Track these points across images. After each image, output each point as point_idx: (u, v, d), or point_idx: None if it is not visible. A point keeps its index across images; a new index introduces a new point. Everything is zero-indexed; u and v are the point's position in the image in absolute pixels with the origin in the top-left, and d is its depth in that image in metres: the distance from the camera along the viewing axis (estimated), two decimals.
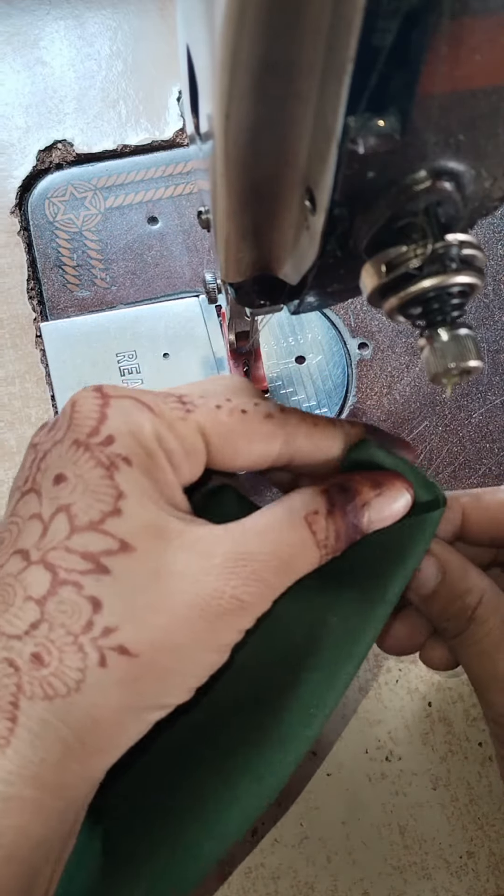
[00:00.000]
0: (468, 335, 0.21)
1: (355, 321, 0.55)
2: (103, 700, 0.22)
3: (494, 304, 0.55)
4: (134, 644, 0.22)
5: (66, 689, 0.22)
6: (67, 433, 0.24)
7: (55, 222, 0.56)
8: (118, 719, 0.23)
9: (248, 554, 0.24)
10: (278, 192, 0.23)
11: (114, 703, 0.22)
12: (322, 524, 0.25)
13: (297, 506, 0.26)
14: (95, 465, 0.23)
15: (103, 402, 0.25)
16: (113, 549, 0.23)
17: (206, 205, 0.29)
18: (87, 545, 0.23)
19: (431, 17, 0.16)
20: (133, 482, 0.23)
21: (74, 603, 0.22)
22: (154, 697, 0.23)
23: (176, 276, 0.55)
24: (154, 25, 0.62)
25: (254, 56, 0.18)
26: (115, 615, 0.22)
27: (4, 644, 0.22)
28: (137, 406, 0.25)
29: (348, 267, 0.23)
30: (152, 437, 0.24)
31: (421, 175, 0.20)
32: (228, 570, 0.24)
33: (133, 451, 0.24)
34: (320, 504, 0.26)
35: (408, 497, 0.27)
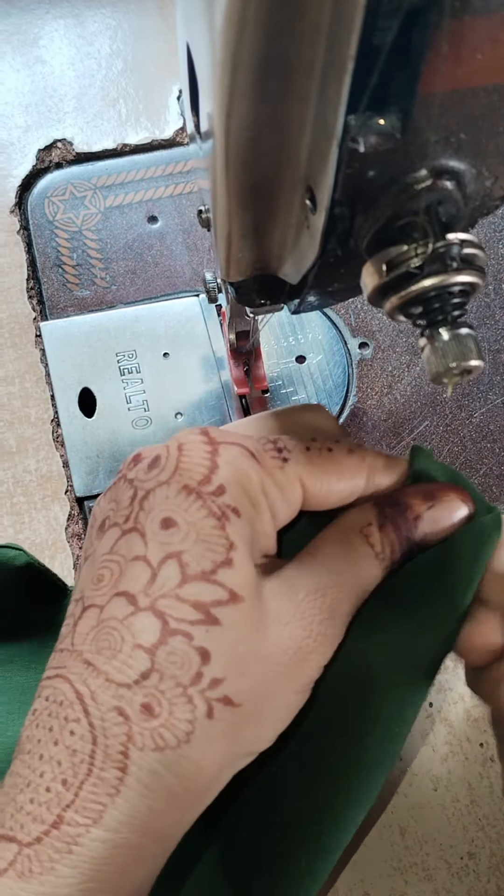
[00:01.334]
0: (469, 334, 0.21)
1: (356, 320, 0.54)
2: (210, 750, 0.22)
3: (495, 303, 0.55)
4: (237, 694, 0.23)
5: (176, 741, 0.22)
6: (174, 476, 0.24)
7: (55, 221, 0.55)
8: (221, 769, 0.23)
9: (323, 585, 0.25)
10: (279, 191, 0.23)
11: (219, 753, 0.23)
12: (377, 537, 0.26)
13: (351, 522, 0.26)
14: (208, 515, 0.24)
15: (213, 450, 0.25)
16: (223, 600, 0.23)
17: (207, 204, 0.29)
18: (199, 595, 0.23)
19: (432, 15, 0.16)
20: (242, 533, 0.24)
21: (184, 654, 0.22)
22: (250, 744, 0.24)
23: (176, 275, 0.55)
24: (154, 24, 0.62)
25: (254, 55, 0.18)
26: (222, 666, 0.23)
27: (115, 693, 0.22)
28: (244, 455, 0.25)
29: (349, 266, 0.23)
30: (258, 488, 0.25)
31: (422, 174, 0.20)
32: (311, 606, 0.24)
33: (241, 502, 0.24)
34: (372, 517, 0.26)
35: (464, 508, 0.27)
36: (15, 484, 0.48)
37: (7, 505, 0.48)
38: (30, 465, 0.49)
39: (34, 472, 0.49)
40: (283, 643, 0.24)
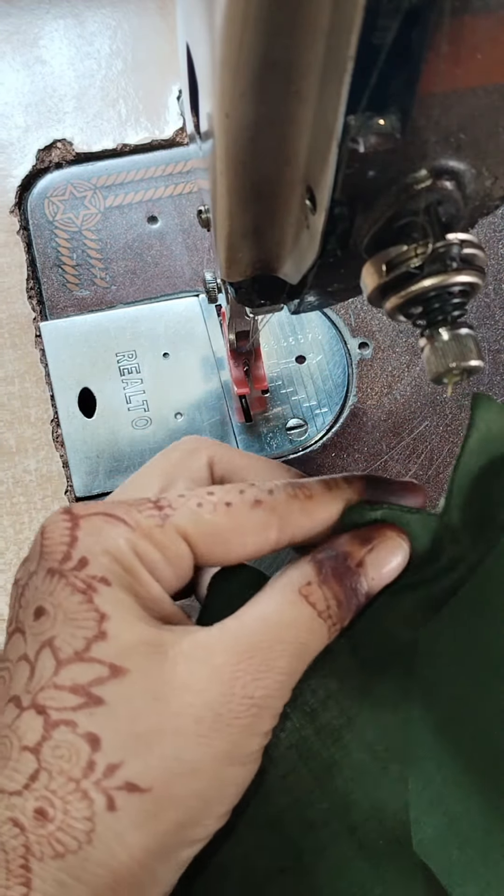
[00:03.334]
0: (469, 335, 0.21)
1: (356, 321, 0.54)
2: (121, 848, 0.20)
3: (495, 303, 0.55)
4: (143, 777, 0.20)
5: (77, 844, 0.20)
6: (40, 563, 0.23)
7: (55, 221, 0.56)
8: (143, 867, 0.20)
9: (250, 647, 0.22)
10: (278, 191, 0.23)
11: (134, 849, 0.20)
12: (319, 594, 0.24)
13: (289, 582, 0.24)
14: (72, 592, 0.22)
15: (72, 525, 0.23)
16: (104, 677, 0.21)
17: (206, 204, 0.29)
18: (76, 677, 0.21)
19: (432, 15, 0.16)
20: (115, 602, 0.22)
21: (70, 744, 0.20)
22: (181, 832, 0.21)
23: (176, 275, 0.55)
24: (154, 24, 0.62)
25: (254, 55, 0.18)
26: (117, 749, 0.20)
27: (7, 803, 0.20)
28: (109, 521, 0.23)
29: (349, 266, 0.23)
30: (129, 551, 0.23)
31: (422, 174, 0.20)
32: (233, 669, 0.22)
33: (110, 569, 0.22)
34: (311, 574, 0.24)
35: (404, 547, 0.25)
36: (15, 484, 0.48)
37: (7, 505, 0.48)
38: (30, 465, 0.49)
39: (34, 472, 0.49)
40: (194, 711, 0.21)
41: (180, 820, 0.21)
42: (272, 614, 0.23)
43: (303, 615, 0.23)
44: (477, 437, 0.26)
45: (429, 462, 0.51)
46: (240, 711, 0.22)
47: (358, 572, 0.24)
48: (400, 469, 0.50)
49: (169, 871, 0.22)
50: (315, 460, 0.50)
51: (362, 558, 0.25)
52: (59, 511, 0.24)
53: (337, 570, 0.24)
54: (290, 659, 0.23)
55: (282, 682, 0.23)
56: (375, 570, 0.25)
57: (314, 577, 0.24)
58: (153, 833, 0.20)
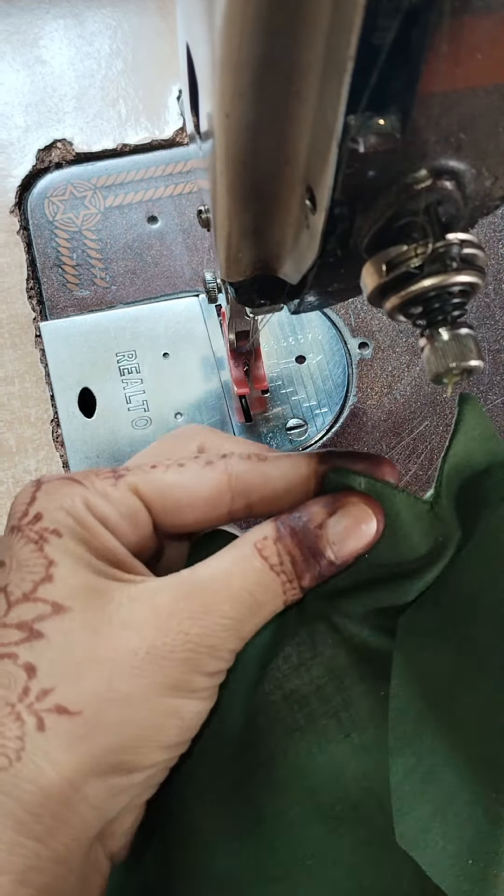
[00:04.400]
0: (469, 334, 0.21)
1: (356, 321, 0.54)
2: (49, 766, 0.21)
3: (495, 303, 0.55)
4: (74, 701, 0.22)
5: (7, 761, 0.21)
6: (7, 525, 0.25)
7: (55, 221, 0.56)
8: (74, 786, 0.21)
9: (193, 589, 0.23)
10: (278, 191, 0.23)
11: (63, 767, 0.21)
12: (273, 549, 0.24)
13: (246, 538, 0.25)
14: (26, 543, 0.24)
15: (35, 488, 0.25)
16: (46, 614, 0.22)
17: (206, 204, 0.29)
18: (21, 616, 0.22)
19: (432, 15, 0.16)
20: (64, 550, 0.23)
21: (10, 673, 0.22)
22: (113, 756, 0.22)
23: (176, 275, 0.55)
24: (154, 24, 0.62)
25: (254, 55, 0.18)
26: (51, 676, 0.22)
27: None
28: (66, 483, 0.25)
29: (349, 266, 0.23)
30: (82, 506, 0.24)
31: (421, 174, 0.20)
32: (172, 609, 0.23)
33: (63, 522, 0.24)
34: (269, 530, 0.25)
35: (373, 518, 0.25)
36: (15, 484, 0.48)
37: (7, 505, 0.48)
38: (30, 465, 0.49)
39: (34, 472, 0.49)
40: (129, 644, 0.22)
41: (112, 745, 0.22)
42: (223, 564, 0.24)
43: (253, 567, 0.24)
44: (464, 432, 0.26)
45: (429, 462, 0.51)
46: (175, 646, 0.23)
47: (318, 534, 0.25)
48: (400, 469, 0.50)
49: (104, 794, 0.22)
50: None
51: (324, 521, 0.25)
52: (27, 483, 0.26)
53: (295, 530, 0.25)
54: (235, 605, 0.24)
55: (225, 625, 0.23)
56: (337, 534, 0.25)
57: (271, 533, 0.25)
58: (81, 753, 0.21)
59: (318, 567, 0.25)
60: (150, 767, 0.23)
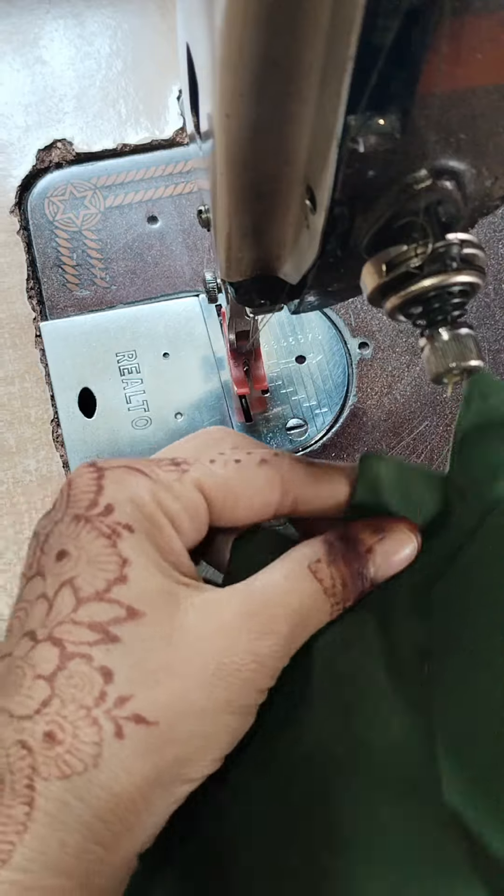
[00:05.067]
0: (469, 335, 0.21)
1: (356, 320, 0.54)
2: (124, 774, 0.21)
3: (495, 303, 0.55)
4: (151, 711, 0.22)
5: (83, 766, 0.21)
6: (66, 511, 0.24)
7: (55, 221, 0.56)
8: (143, 795, 0.22)
9: (256, 609, 0.24)
10: (278, 190, 0.23)
11: (136, 776, 0.21)
12: (326, 572, 0.25)
13: (299, 557, 0.25)
14: (97, 536, 0.23)
15: (98, 475, 0.25)
16: (121, 617, 0.22)
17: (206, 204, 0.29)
18: (94, 615, 0.22)
19: (432, 15, 0.16)
20: (137, 548, 0.23)
21: (85, 675, 0.22)
22: (179, 768, 0.22)
23: (176, 275, 0.55)
24: (154, 24, 0.62)
25: (254, 54, 0.18)
26: (129, 683, 0.22)
27: (16, 727, 0.21)
28: (132, 473, 0.25)
29: (349, 266, 0.23)
30: (152, 501, 0.24)
31: (421, 174, 0.20)
32: (239, 626, 0.23)
33: (134, 517, 0.24)
34: (322, 553, 0.25)
35: (414, 541, 0.27)
36: (15, 484, 0.48)
37: (7, 505, 0.48)
38: (30, 465, 0.49)
39: (34, 472, 0.49)
40: (201, 658, 0.23)
41: (179, 756, 0.22)
42: (281, 583, 0.25)
43: (308, 589, 0.25)
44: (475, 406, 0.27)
45: (429, 462, 0.51)
46: (241, 664, 0.23)
47: (366, 558, 0.26)
48: None
49: (163, 803, 0.23)
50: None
51: (372, 545, 0.26)
52: (84, 465, 0.25)
53: (347, 553, 0.26)
54: (291, 626, 0.24)
55: (282, 645, 0.24)
56: (383, 558, 0.26)
57: (324, 555, 0.25)
58: (154, 764, 0.22)
59: (362, 587, 0.26)
60: (199, 780, 0.23)
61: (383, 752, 0.26)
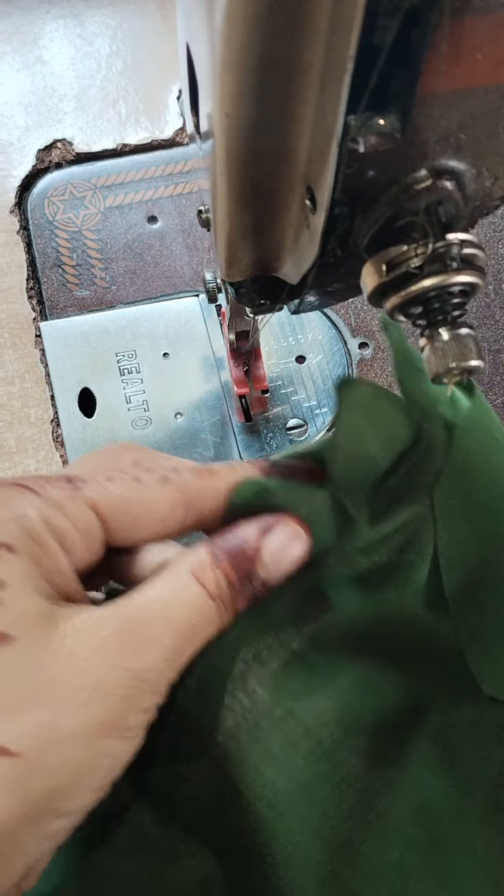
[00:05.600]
0: (469, 335, 0.21)
1: (356, 320, 0.54)
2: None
3: (495, 303, 0.55)
4: (16, 742, 0.20)
5: None
6: None
7: (55, 221, 0.55)
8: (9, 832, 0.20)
9: (136, 623, 0.23)
10: (278, 190, 0.23)
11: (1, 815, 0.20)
12: (209, 574, 0.24)
13: (183, 563, 0.25)
14: None
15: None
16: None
17: (206, 204, 0.29)
18: None
19: (432, 15, 0.16)
20: (16, 569, 0.22)
21: None
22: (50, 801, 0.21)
23: (176, 275, 0.55)
24: (154, 24, 0.62)
25: (254, 54, 0.18)
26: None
27: None
28: (20, 491, 0.24)
29: (349, 266, 0.23)
30: (38, 519, 0.23)
31: (421, 174, 0.20)
32: (118, 643, 0.22)
33: (16, 536, 0.22)
34: (204, 556, 0.24)
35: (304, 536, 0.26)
36: None
37: None
38: (30, 465, 0.49)
39: (34, 472, 0.49)
40: (75, 681, 0.21)
41: (51, 788, 0.21)
42: (162, 593, 0.24)
43: (191, 595, 0.24)
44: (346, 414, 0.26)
45: None
46: (120, 682, 0.22)
47: (252, 558, 0.25)
48: None
49: (35, 842, 0.21)
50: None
51: (258, 544, 0.25)
52: None
53: (231, 554, 0.25)
54: (175, 636, 0.23)
55: (166, 658, 0.23)
56: (271, 557, 0.25)
57: (208, 559, 0.24)
58: (21, 800, 0.20)
59: (253, 590, 0.25)
60: (77, 812, 0.22)
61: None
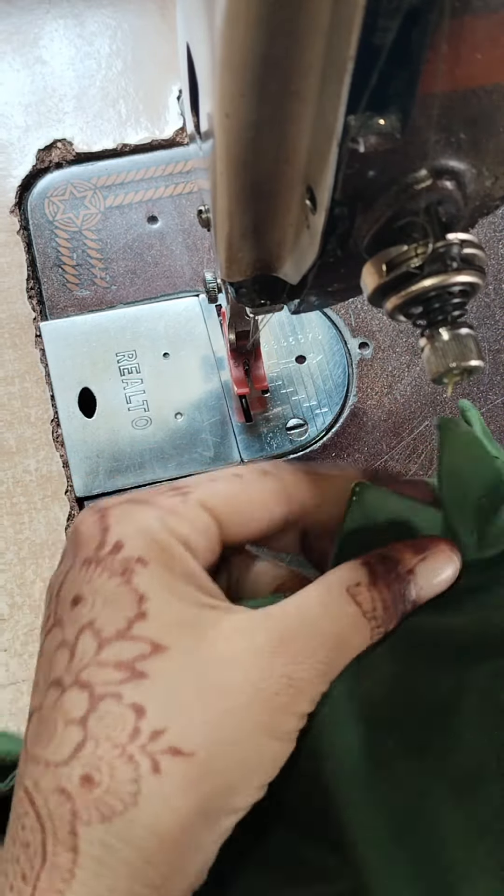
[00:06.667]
0: (469, 334, 0.21)
1: (356, 320, 0.54)
2: (166, 811, 0.21)
3: (495, 303, 0.55)
4: (187, 743, 0.21)
5: (123, 806, 0.20)
6: (76, 557, 0.24)
7: (55, 221, 0.56)
8: (188, 831, 0.21)
9: (291, 632, 0.23)
10: (278, 190, 0.23)
11: (179, 812, 0.21)
12: (366, 595, 0.24)
13: (336, 580, 0.25)
14: (110, 576, 0.23)
15: (101, 515, 0.24)
16: (146, 653, 0.22)
17: (207, 204, 0.29)
18: (118, 655, 0.22)
19: (432, 15, 0.16)
20: (153, 581, 0.23)
21: (116, 714, 0.21)
22: (222, 799, 0.22)
23: (176, 275, 0.55)
24: (154, 24, 0.62)
25: (254, 54, 0.18)
26: (162, 716, 0.21)
27: (53, 774, 0.21)
28: (136, 506, 0.24)
29: (349, 266, 0.23)
30: (162, 529, 0.24)
31: (422, 174, 0.20)
32: (273, 651, 0.23)
33: (145, 549, 0.23)
34: (362, 575, 0.25)
35: (456, 561, 0.26)
36: (15, 484, 0.48)
37: (7, 505, 0.48)
38: (30, 465, 0.49)
39: (34, 472, 0.49)
40: (236, 685, 0.22)
41: (222, 786, 0.22)
42: (317, 607, 0.24)
43: (347, 613, 0.24)
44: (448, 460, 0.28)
45: (429, 462, 0.51)
46: (278, 689, 0.22)
47: (408, 579, 0.25)
48: (400, 469, 0.50)
49: (210, 839, 0.22)
50: (315, 460, 0.50)
51: (414, 566, 0.25)
52: (86, 509, 0.25)
53: (387, 575, 0.25)
54: (329, 651, 0.24)
55: (320, 670, 0.23)
56: (425, 579, 0.25)
57: (364, 578, 0.25)
58: (197, 797, 0.21)
59: (404, 609, 0.25)
60: (244, 810, 0.23)
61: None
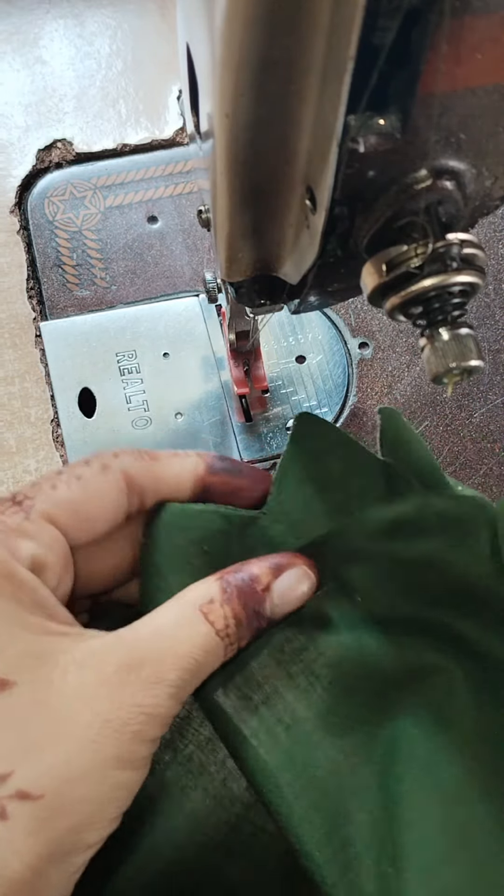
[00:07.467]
0: (469, 335, 0.21)
1: (356, 320, 0.54)
2: (14, 857, 0.20)
3: (495, 303, 0.55)
4: (34, 785, 0.20)
5: None
6: None
7: (55, 221, 0.55)
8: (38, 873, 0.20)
9: (142, 658, 0.23)
10: (278, 190, 0.23)
11: (28, 856, 0.20)
12: (219, 612, 0.24)
13: (190, 599, 0.24)
14: None
15: None
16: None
17: (206, 204, 0.29)
18: None
19: (432, 15, 0.16)
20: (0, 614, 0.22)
21: None
22: (74, 836, 0.21)
23: (176, 275, 0.55)
24: (154, 24, 0.62)
25: (254, 54, 0.18)
26: (7, 759, 0.21)
27: None
28: None
29: (349, 266, 0.23)
30: (6, 557, 0.23)
31: (422, 174, 0.20)
32: (123, 680, 0.22)
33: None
34: (214, 592, 0.24)
35: (311, 578, 0.26)
36: (15, 484, 0.48)
37: None
38: (30, 465, 0.49)
39: (34, 472, 0.49)
40: (84, 718, 0.21)
41: (73, 824, 0.21)
42: (168, 628, 0.24)
43: (199, 632, 0.24)
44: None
45: None
46: (129, 719, 0.22)
47: (263, 596, 0.25)
48: None
49: (63, 877, 0.22)
50: None
51: (269, 583, 0.25)
52: None
53: (242, 592, 0.25)
54: (181, 673, 0.23)
55: (171, 693, 0.23)
56: (280, 596, 0.25)
57: (218, 595, 0.24)
58: (46, 839, 0.21)
59: (258, 625, 0.25)
60: (97, 844, 0.22)
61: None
